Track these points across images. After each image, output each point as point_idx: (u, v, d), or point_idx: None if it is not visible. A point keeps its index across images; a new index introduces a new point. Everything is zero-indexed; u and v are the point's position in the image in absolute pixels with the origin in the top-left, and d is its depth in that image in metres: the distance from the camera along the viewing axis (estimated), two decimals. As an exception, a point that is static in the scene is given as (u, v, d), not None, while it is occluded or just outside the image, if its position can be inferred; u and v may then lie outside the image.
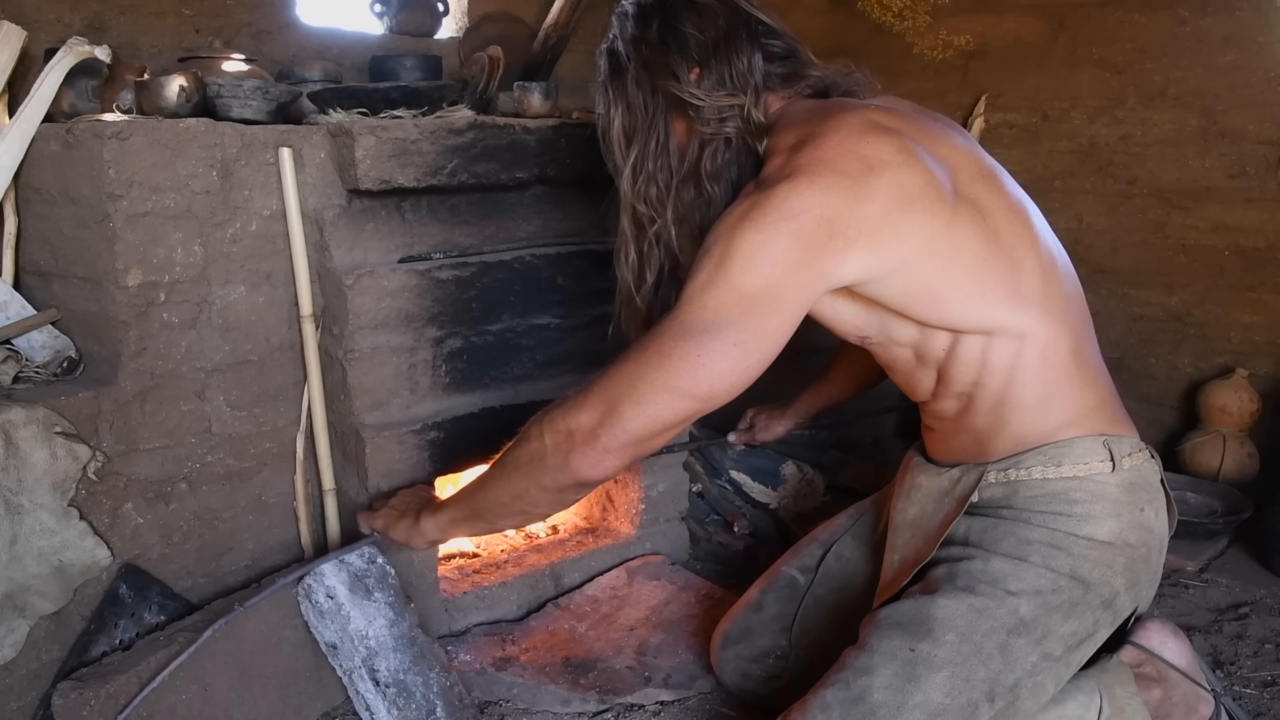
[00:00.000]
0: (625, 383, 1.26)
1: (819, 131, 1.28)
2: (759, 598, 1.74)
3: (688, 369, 1.23)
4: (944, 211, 1.29)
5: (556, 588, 2.10)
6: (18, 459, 1.54)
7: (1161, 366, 2.85)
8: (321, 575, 1.62)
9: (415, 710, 1.60)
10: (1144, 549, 1.37)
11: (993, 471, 1.38)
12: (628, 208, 1.46)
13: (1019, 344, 1.33)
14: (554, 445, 1.30)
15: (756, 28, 1.42)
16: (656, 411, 1.25)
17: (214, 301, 1.74)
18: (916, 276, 1.30)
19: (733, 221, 1.25)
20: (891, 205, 1.25)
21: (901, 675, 1.29)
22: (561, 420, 1.29)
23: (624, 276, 1.50)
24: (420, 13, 2.60)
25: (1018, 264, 1.34)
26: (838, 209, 1.23)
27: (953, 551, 1.40)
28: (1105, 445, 1.35)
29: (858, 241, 1.24)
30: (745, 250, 1.22)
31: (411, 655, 1.64)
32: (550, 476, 1.32)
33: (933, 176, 1.29)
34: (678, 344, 1.23)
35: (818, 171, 1.24)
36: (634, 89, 1.42)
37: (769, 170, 1.30)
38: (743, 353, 1.23)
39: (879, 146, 1.27)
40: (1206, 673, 1.54)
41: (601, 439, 1.26)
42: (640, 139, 1.43)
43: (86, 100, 1.85)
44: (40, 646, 1.59)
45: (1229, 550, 2.38)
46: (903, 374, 1.47)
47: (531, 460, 1.33)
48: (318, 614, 1.63)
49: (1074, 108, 2.89)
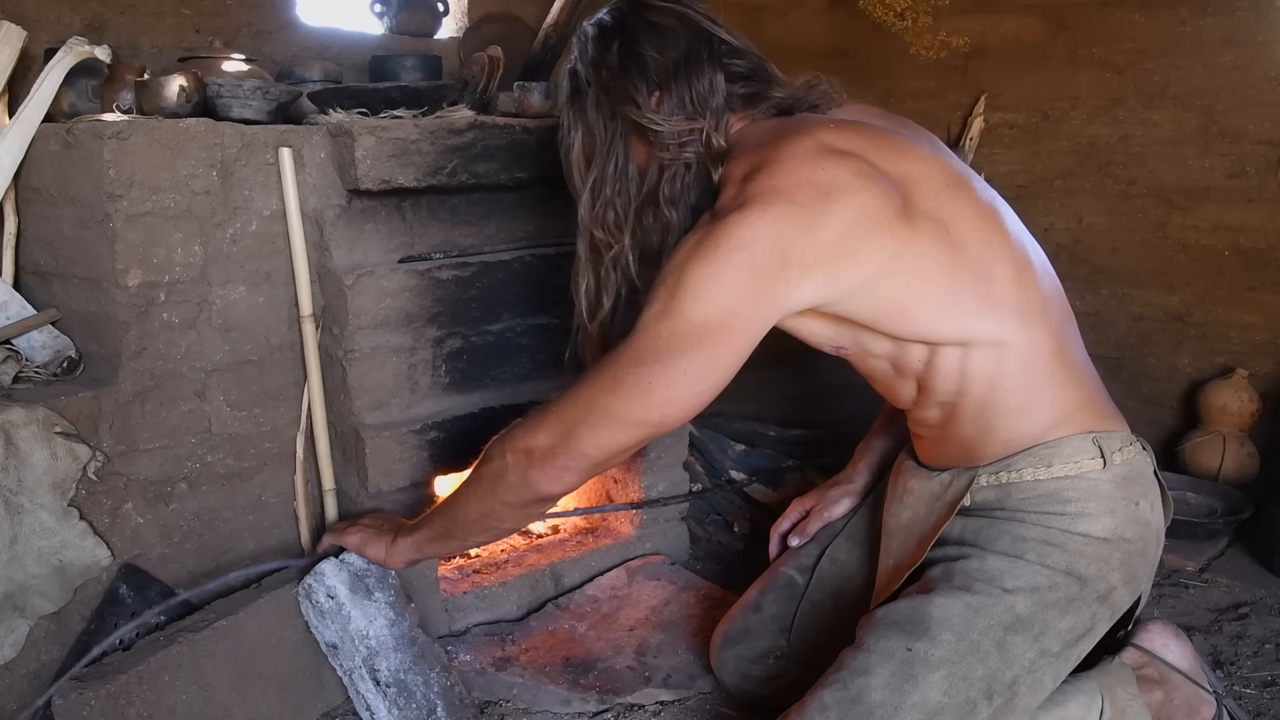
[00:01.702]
0: (581, 407, 1.31)
1: (771, 158, 1.28)
2: (758, 598, 1.74)
3: (639, 396, 1.27)
4: (903, 230, 1.28)
5: (556, 588, 2.10)
6: (18, 459, 1.54)
7: (1161, 366, 2.85)
8: (322, 575, 1.62)
9: (416, 710, 1.60)
10: (1140, 543, 1.37)
11: (984, 475, 1.38)
12: (585, 233, 1.47)
13: (997, 352, 1.33)
14: (514, 463, 1.36)
15: (719, 48, 1.41)
16: (610, 435, 1.31)
17: (214, 301, 1.74)
18: (880, 294, 1.30)
19: (686, 252, 1.26)
20: (848, 230, 1.25)
21: (899, 675, 1.29)
22: (521, 439, 1.36)
23: (580, 302, 1.51)
24: (420, 13, 2.60)
25: (988, 271, 1.33)
26: (791, 239, 1.23)
27: (948, 551, 1.40)
28: (1095, 442, 1.35)
29: (813, 269, 1.25)
30: (697, 281, 1.24)
31: (412, 655, 1.64)
32: (513, 493, 1.37)
33: (890, 196, 1.28)
34: (630, 371, 1.27)
35: (770, 201, 1.24)
36: (593, 112, 1.42)
37: (723, 201, 1.30)
38: (694, 380, 1.26)
39: (834, 171, 1.26)
40: (1208, 674, 1.54)
41: (559, 458, 1.33)
42: (599, 163, 1.43)
43: (86, 100, 1.85)
44: (40, 646, 1.59)
45: (1229, 550, 2.38)
46: (883, 384, 1.47)
47: (495, 478, 1.38)
48: (318, 614, 1.63)
49: (1074, 108, 2.89)
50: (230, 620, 1.57)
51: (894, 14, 3.15)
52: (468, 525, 1.47)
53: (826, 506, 1.78)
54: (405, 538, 1.55)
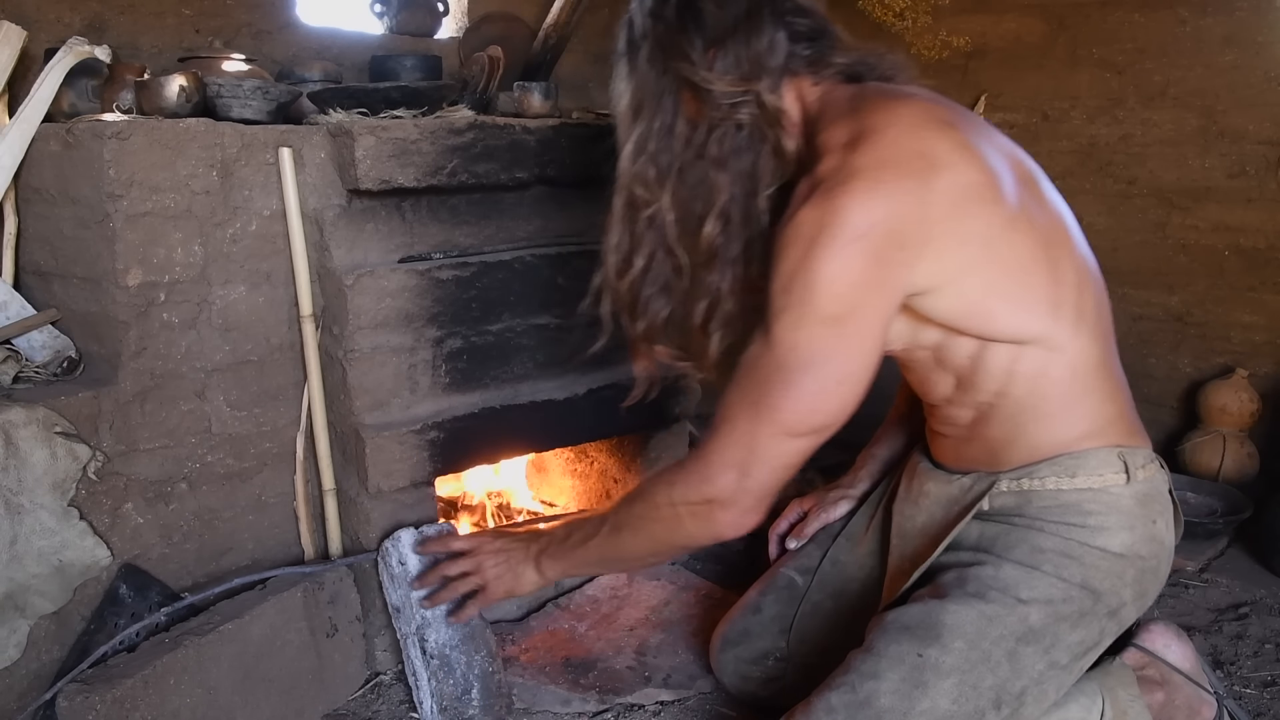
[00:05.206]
0: (744, 445, 1.28)
1: (875, 126, 1.23)
2: (758, 599, 1.73)
3: (800, 413, 1.25)
4: (1002, 214, 1.25)
5: (556, 588, 2.10)
6: (18, 459, 1.54)
7: (1161, 366, 2.85)
8: (398, 540, 1.71)
9: (453, 686, 1.66)
10: (1154, 560, 1.36)
11: (1005, 480, 1.36)
12: (623, 189, 1.39)
13: (1049, 355, 1.30)
14: (691, 513, 1.34)
15: (783, 4, 1.33)
16: (782, 460, 1.29)
17: (214, 301, 1.74)
18: (970, 288, 1.26)
19: (803, 248, 1.21)
20: (951, 208, 1.22)
21: (909, 681, 1.27)
22: (695, 490, 1.32)
23: (609, 257, 1.43)
24: (420, 13, 2.60)
25: (1059, 273, 1.30)
26: (903, 217, 1.20)
27: (963, 556, 1.37)
28: (1120, 457, 1.33)
29: (924, 249, 1.22)
30: (824, 279, 1.19)
31: (462, 634, 1.69)
32: (693, 540, 1.39)
33: (988, 176, 1.25)
34: (783, 393, 1.24)
35: (879, 176, 1.19)
36: (645, 65, 1.34)
37: (824, 169, 1.24)
38: (842, 379, 1.24)
39: (938, 143, 1.23)
40: (1209, 675, 1.54)
41: (741, 501, 1.30)
42: (646, 117, 1.35)
43: (86, 100, 1.85)
44: (40, 646, 1.59)
45: (1229, 550, 2.38)
46: (917, 375, 1.43)
47: (671, 527, 1.37)
48: (389, 577, 1.72)
49: (1074, 108, 2.89)
50: (235, 623, 1.57)
51: (894, 14, 3.15)
52: (630, 561, 1.55)
53: (825, 508, 1.77)
54: (538, 573, 1.57)
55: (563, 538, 1.54)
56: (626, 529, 1.43)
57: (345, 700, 1.76)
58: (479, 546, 1.64)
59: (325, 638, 1.72)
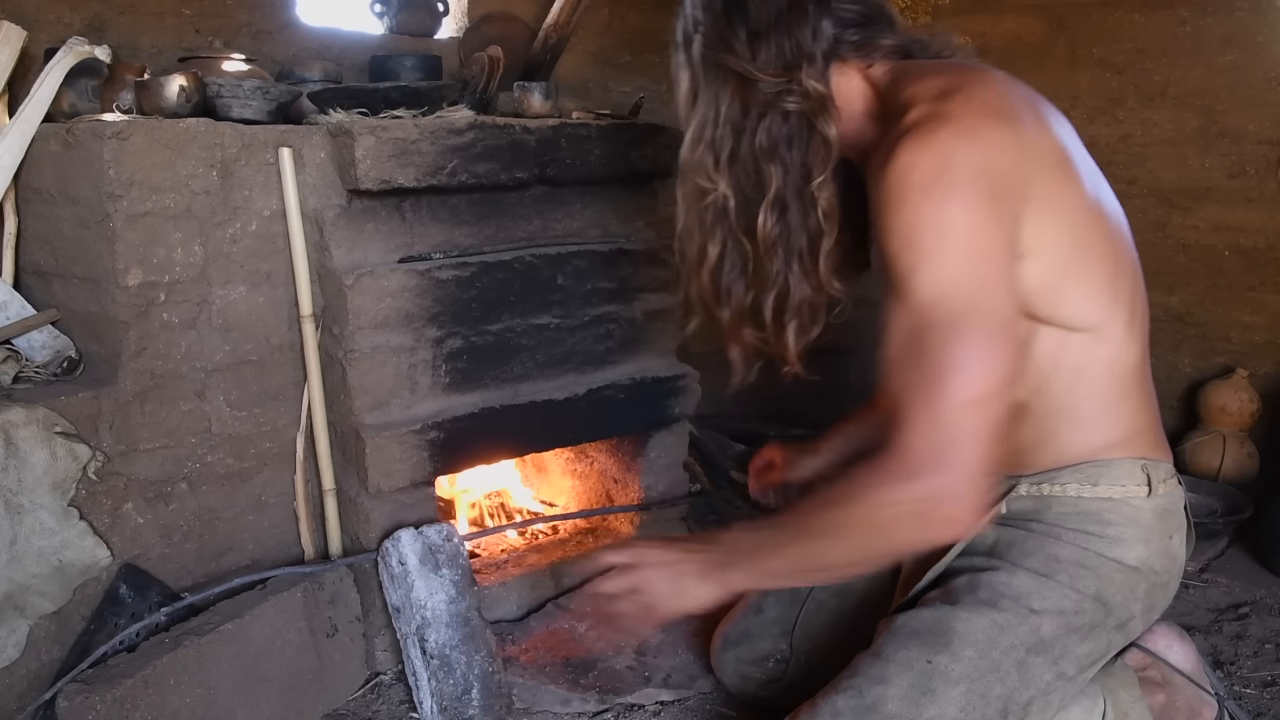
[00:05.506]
0: (940, 432, 1.12)
1: (966, 82, 1.22)
2: (759, 600, 1.73)
3: (973, 369, 1.11)
4: (1083, 192, 1.24)
5: (556, 588, 2.10)
6: (18, 459, 1.54)
7: (1161, 366, 2.84)
8: (398, 540, 1.72)
9: (453, 686, 1.67)
10: (1166, 575, 1.35)
11: (1025, 484, 1.35)
12: (685, 179, 1.39)
13: (1094, 348, 1.27)
14: (907, 515, 1.16)
15: None
16: (981, 432, 1.12)
17: (214, 301, 1.74)
18: (1054, 263, 1.22)
19: (920, 195, 1.14)
20: (1045, 171, 1.20)
21: (917, 687, 1.26)
22: (902, 492, 1.15)
23: (685, 247, 1.41)
24: (420, 13, 2.59)
25: (1120, 266, 1.29)
26: (1005, 169, 1.16)
27: (976, 560, 1.36)
28: (1144, 470, 1.31)
29: (1025, 206, 1.18)
30: (954, 220, 1.13)
31: (462, 634, 1.70)
32: (901, 545, 1.24)
33: (1065, 153, 1.24)
34: (947, 351, 1.12)
35: (982, 124, 1.17)
36: (697, 56, 1.34)
37: (916, 116, 1.19)
38: (1001, 324, 1.14)
39: (1028, 109, 1.22)
40: (1210, 676, 1.54)
41: (952, 490, 1.13)
42: (701, 107, 1.35)
43: (86, 100, 1.85)
44: (40, 646, 1.59)
45: (1229, 550, 2.38)
46: None
47: (884, 532, 1.20)
48: (389, 577, 1.72)
49: (1074, 108, 2.88)
50: (235, 624, 1.57)
51: (894, 14, 3.15)
52: (829, 571, 1.36)
53: (790, 466, 1.80)
54: (737, 576, 1.35)
55: (748, 548, 1.35)
56: (825, 537, 1.26)
57: (345, 700, 1.76)
58: (640, 559, 1.41)
59: (325, 638, 1.72)
